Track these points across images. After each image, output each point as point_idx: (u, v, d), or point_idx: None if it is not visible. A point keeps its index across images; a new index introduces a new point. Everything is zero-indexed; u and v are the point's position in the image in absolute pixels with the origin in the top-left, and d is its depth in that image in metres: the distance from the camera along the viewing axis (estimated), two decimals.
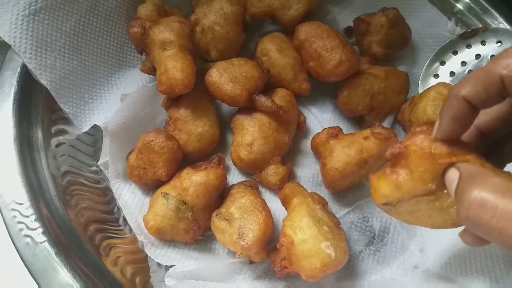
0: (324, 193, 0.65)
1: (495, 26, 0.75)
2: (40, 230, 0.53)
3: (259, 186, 0.66)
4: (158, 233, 0.58)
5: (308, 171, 0.69)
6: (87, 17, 0.67)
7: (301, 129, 0.70)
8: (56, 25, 0.64)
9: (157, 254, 0.59)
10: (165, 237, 0.59)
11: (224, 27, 0.68)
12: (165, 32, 0.61)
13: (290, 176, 0.66)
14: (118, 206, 0.62)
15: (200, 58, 0.71)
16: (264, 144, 0.63)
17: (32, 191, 0.56)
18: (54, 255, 0.52)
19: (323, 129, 0.66)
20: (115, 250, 0.58)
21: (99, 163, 0.63)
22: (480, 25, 0.76)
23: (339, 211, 0.65)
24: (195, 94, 0.65)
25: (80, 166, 0.64)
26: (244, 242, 0.54)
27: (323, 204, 0.60)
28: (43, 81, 0.62)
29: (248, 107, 0.65)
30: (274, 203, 0.63)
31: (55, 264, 0.52)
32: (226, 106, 0.67)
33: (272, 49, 0.69)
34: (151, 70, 0.68)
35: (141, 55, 0.69)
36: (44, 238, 0.53)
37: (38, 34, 0.62)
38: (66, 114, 0.64)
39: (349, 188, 0.65)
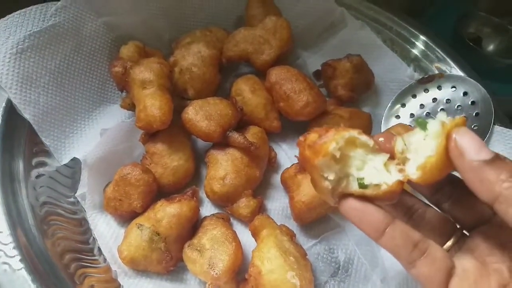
0: (292, 225, 0.68)
1: (449, 73, 0.83)
2: (18, 257, 0.55)
3: (231, 218, 0.69)
4: (132, 263, 0.60)
5: (278, 204, 0.72)
6: (71, 56, 0.71)
7: (272, 164, 0.74)
8: (41, 63, 0.67)
9: (130, 283, 0.61)
10: (138, 267, 0.61)
11: (201, 69, 0.73)
12: (145, 72, 0.66)
13: (260, 209, 0.69)
14: (93, 237, 0.64)
15: (178, 96, 0.75)
16: (236, 178, 0.67)
17: (11, 220, 0.57)
18: (30, 282, 0.53)
19: (292, 164, 0.70)
20: (89, 279, 0.59)
21: (76, 194, 0.66)
22: (437, 72, 0.83)
23: (306, 243, 0.68)
24: (172, 130, 0.68)
25: (58, 197, 0.66)
26: (214, 272, 0.56)
27: (291, 235, 0.64)
28: (27, 116, 0.64)
29: (222, 143, 0.69)
30: (245, 234, 0.66)
31: None
32: (201, 141, 0.71)
33: (246, 89, 0.74)
34: (131, 106, 0.71)
35: (121, 93, 0.73)
36: (21, 265, 0.54)
37: (24, 71, 0.65)
38: (47, 147, 0.67)
39: (316, 220, 0.69)
